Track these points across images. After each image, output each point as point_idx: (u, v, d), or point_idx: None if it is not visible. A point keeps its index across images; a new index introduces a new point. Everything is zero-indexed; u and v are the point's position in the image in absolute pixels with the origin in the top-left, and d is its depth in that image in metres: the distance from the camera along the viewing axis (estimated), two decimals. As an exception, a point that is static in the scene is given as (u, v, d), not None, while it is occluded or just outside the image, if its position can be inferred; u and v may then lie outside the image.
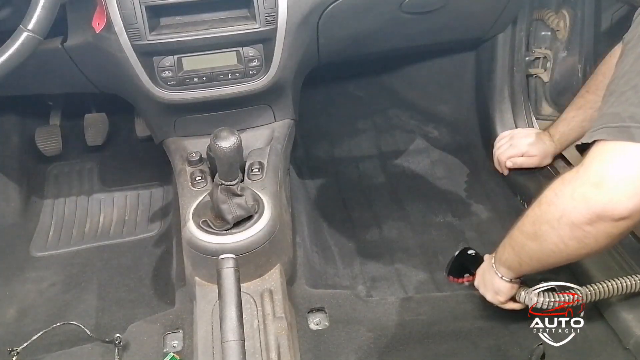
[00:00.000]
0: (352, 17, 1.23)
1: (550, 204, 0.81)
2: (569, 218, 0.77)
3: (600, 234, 0.76)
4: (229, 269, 0.88)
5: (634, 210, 0.71)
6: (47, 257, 1.45)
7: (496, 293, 1.04)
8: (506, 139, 1.52)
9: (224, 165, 0.98)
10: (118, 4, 1.05)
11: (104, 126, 1.72)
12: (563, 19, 1.52)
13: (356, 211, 1.54)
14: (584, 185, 0.75)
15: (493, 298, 1.06)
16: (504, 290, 1.03)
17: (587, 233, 0.76)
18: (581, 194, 0.75)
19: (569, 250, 0.81)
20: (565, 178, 0.79)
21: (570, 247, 0.80)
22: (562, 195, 0.78)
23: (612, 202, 0.72)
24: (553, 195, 0.80)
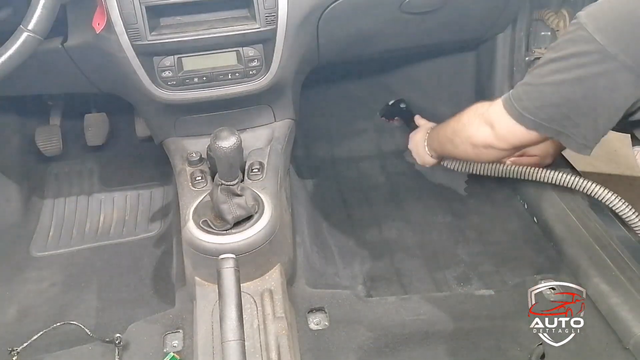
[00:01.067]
0: (352, 17, 1.23)
1: (464, 126, 1.15)
2: (471, 140, 1.12)
3: (489, 154, 1.12)
4: (229, 269, 0.88)
5: (510, 148, 1.07)
6: (47, 257, 1.45)
7: (424, 163, 1.46)
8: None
9: (224, 165, 0.98)
10: (118, 4, 1.05)
11: (104, 126, 1.72)
12: (563, 19, 1.52)
13: (356, 211, 1.54)
14: (485, 123, 1.08)
15: (421, 163, 1.48)
16: (430, 162, 1.44)
17: (481, 152, 1.12)
18: (482, 128, 1.08)
19: (471, 158, 1.25)
20: (477, 110, 1.12)
21: (471, 156, 1.19)
22: (471, 123, 1.13)
23: (497, 140, 1.06)
24: (467, 121, 1.15)
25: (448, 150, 1.27)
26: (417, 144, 1.47)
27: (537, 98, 0.96)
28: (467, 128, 1.14)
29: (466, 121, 1.15)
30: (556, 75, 0.93)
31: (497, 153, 1.10)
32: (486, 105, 1.09)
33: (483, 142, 1.09)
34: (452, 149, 1.23)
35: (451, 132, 1.21)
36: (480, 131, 1.09)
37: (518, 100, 0.99)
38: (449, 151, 1.27)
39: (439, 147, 1.34)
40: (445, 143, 1.27)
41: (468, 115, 1.15)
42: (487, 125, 1.07)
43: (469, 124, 1.14)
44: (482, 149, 1.11)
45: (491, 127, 1.06)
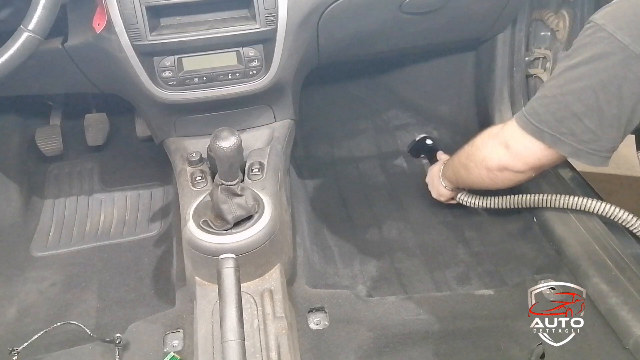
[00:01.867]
0: (352, 18, 1.23)
1: (477, 149, 1.10)
2: (485, 163, 1.07)
3: (505, 178, 1.06)
4: (229, 268, 0.88)
5: (527, 170, 1.02)
6: (48, 257, 1.45)
7: (439, 195, 1.39)
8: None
9: (224, 165, 0.98)
10: (118, 4, 1.05)
11: (105, 126, 1.72)
12: (562, 19, 1.52)
13: (356, 211, 1.54)
14: (499, 144, 1.03)
15: (437, 197, 1.40)
16: (445, 194, 1.37)
17: (496, 176, 1.06)
18: (496, 150, 1.04)
19: (486, 184, 1.12)
20: (491, 132, 1.08)
21: (486, 182, 1.11)
22: (484, 145, 1.08)
23: (513, 161, 1.01)
24: (480, 144, 1.09)
25: (462, 177, 1.20)
26: (432, 176, 1.40)
27: (558, 110, 0.91)
28: (480, 151, 1.09)
29: (479, 144, 1.10)
30: (577, 83, 0.88)
31: (513, 176, 1.05)
32: (499, 127, 1.06)
33: (497, 165, 1.04)
34: (466, 175, 1.17)
35: (465, 157, 1.16)
36: (495, 153, 1.04)
37: (534, 115, 0.95)
38: (463, 179, 1.20)
39: (453, 176, 1.27)
40: (459, 169, 1.20)
41: (481, 137, 1.10)
42: (502, 146, 1.02)
43: (482, 146, 1.09)
44: (497, 173, 1.06)
45: (506, 148, 1.01)
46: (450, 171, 1.27)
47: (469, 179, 1.17)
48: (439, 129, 1.80)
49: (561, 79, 0.91)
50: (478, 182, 1.14)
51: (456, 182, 1.29)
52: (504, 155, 1.02)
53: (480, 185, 1.15)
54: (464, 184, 1.24)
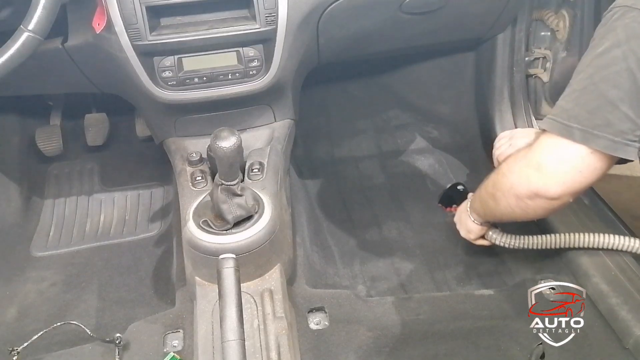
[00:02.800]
0: (352, 18, 1.23)
1: (503, 176, 0.97)
2: (515, 191, 0.94)
3: (537, 207, 0.92)
4: (229, 268, 0.88)
5: (563, 194, 0.89)
6: (48, 257, 1.45)
7: (468, 232, 1.23)
8: (505, 139, 1.51)
9: (224, 165, 0.98)
10: (118, 4, 1.05)
11: (105, 126, 1.72)
12: (563, 19, 1.52)
13: (356, 211, 1.54)
14: (527, 166, 0.90)
15: (465, 235, 1.24)
16: (474, 231, 1.22)
17: (527, 205, 0.93)
18: (525, 174, 0.91)
19: (516, 214, 0.98)
20: (517, 157, 0.95)
21: (516, 212, 0.97)
22: (511, 171, 0.95)
23: (546, 185, 0.88)
24: (506, 170, 0.96)
25: (490, 208, 1.06)
26: (460, 212, 1.26)
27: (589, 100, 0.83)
28: (507, 177, 0.96)
29: (505, 170, 0.97)
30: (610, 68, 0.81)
31: (546, 204, 0.91)
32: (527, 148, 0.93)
33: (527, 191, 0.91)
34: (494, 206, 1.03)
35: (491, 186, 1.03)
36: (524, 177, 0.91)
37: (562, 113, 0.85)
38: (492, 210, 1.06)
39: (481, 208, 1.13)
40: (487, 200, 1.06)
41: (507, 162, 0.98)
42: (531, 167, 0.90)
43: (508, 172, 0.95)
44: (528, 201, 0.92)
45: (537, 169, 0.89)
46: (478, 203, 1.13)
47: (497, 210, 1.03)
48: (439, 129, 1.80)
49: (590, 69, 0.83)
50: (508, 213, 1.00)
51: (485, 215, 1.15)
52: (534, 179, 0.89)
53: (511, 216, 1.01)
54: (494, 216, 1.11)
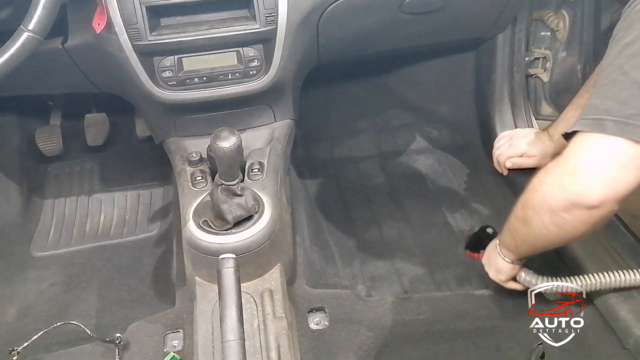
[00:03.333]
0: (352, 18, 1.23)
1: (534, 191, 0.86)
2: (548, 204, 0.82)
3: (576, 221, 0.80)
4: (229, 268, 0.88)
5: (605, 199, 0.76)
6: (48, 257, 1.45)
7: (498, 272, 1.09)
8: (505, 139, 1.52)
9: (224, 165, 0.98)
10: (118, 4, 1.05)
11: (105, 126, 1.72)
12: (562, 19, 1.52)
13: (356, 211, 1.54)
14: (561, 174, 0.79)
15: (495, 276, 1.11)
16: (505, 270, 1.08)
17: (564, 220, 0.80)
18: (558, 182, 0.79)
19: (552, 236, 0.86)
20: (547, 166, 0.83)
21: (552, 232, 0.84)
22: (543, 182, 0.83)
23: (584, 191, 0.76)
24: (537, 182, 0.85)
25: (522, 236, 0.95)
26: (489, 251, 1.14)
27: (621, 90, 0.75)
28: (537, 192, 0.85)
29: (536, 183, 0.86)
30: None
31: (586, 216, 0.78)
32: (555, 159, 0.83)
33: (563, 200, 0.79)
34: (525, 232, 0.92)
35: (521, 208, 0.91)
36: (557, 185, 0.80)
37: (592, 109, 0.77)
38: (523, 238, 0.95)
39: (511, 239, 1.01)
40: (517, 228, 0.95)
41: (538, 175, 0.86)
42: (565, 173, 0.78)
43: (539, 185, 0.84)
44: (564, 214, 0.80)
45: (571, 173, 0.77)
46: (507, 234, 1.02)
47: (530, 236, 0.91)
48: (439, 129, 1.79)
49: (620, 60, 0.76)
50: (542, 236, 0.87)
51: (516, 247, 1.01)
52: (569, 185, 0.77)
53: (547, 240, 0.89)
54: (526, 245, 0.98)
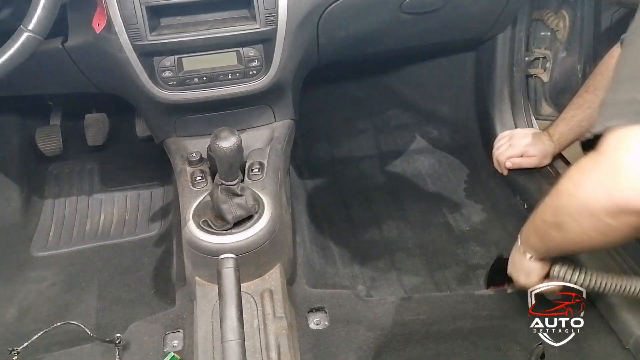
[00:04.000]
0: (352, 18, 1.23)
1: (570, 196, 0.75)
2: (590, 210, 0.71)
3: (623, 226, 0.69)
4: (229, 268, 0.88)
5: None
6: (48, 257, 1.45)
7: (527, 275, 1.01)
8: (505, 139, 1.52)
9: (224, 165, 0.98)
10: (118, 4, 1.05)
11: (105, 126, 1.72)
12: (563, 19, 1.52)
13: (356, 211, 1.54)
14: (604, 175, 0.67)
15: (526, 281, 1.02)
16: (536, 270, 0.99)
17: (610, 226, 0.70)
18: (602, 184, 0.68)
19: (594, 242, 0.77)
20: (583, 167, 0.72)
21: (594, 238, 0.75)
22: (581, 186, 0.72)
23: (634, 192, 0.64)
24: (572, 187, 0.75)
25: (555, 242, 0.87)
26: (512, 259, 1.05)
27: None
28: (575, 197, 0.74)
29: (571, 187, 0.75)
30: None
31: (635, 221, 0.67)
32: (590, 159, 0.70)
33: (610, 206, 0.67)
34: (560, 238, 0.83)
35: (551, 215, 0.82)
36: (600, 189, 0.68)
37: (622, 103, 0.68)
38: (557, 244, 0.87)
39: (540, 242, 0.93)
40: (547, 232, 0.87)
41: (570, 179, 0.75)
42: (610, 175, 0.67)
43: (576, 189, 0.73)
44: (610, 221, 0.69)
45: (613, 174, 0.66)
46: (534, 237, 0.94)
47: (566, 242, 0.83)
48: (439, 129, 1.80)
49: None
50: (581, 242, 0.79)
51: (547, 250, 0.95)
52: (614, 188, 0.66)
53: (585, 245, 0.83)
54: (560, 249, 0.92)
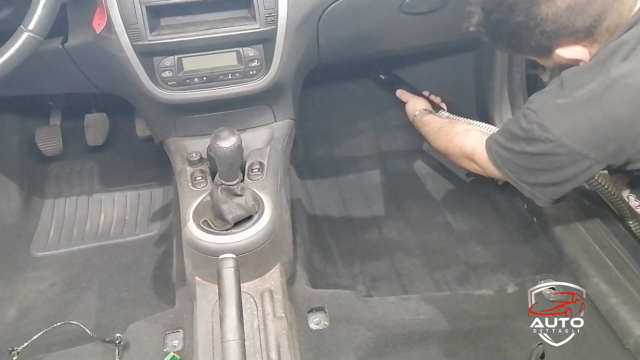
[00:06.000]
0: (352, 18, 1.23)
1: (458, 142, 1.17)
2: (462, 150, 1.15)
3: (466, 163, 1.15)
4: (229, 268, 0.88)
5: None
6: (48, 257, 1.45)
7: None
8: None
9: (224, 166, 0.98)
10: (118, 4, 1.05)
11: (105, 126, 1.72)
12: (563, 19, 1.52)
13: (356, 211, 1.54)
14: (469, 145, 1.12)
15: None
16: None
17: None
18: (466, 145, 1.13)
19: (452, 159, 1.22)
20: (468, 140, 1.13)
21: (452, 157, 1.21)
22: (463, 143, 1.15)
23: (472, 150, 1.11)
24: (459, 141, 1.16)
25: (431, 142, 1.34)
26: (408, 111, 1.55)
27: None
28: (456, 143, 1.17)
29: (459, 141, 1.17)
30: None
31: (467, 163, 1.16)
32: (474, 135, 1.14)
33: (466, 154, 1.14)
34: (436, 145, 1.29)
35: (444, 142, 1.23)
36: (466, 149, 1.14)
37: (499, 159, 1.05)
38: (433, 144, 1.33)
39: (422, 133, 1.41)
40: (432, 140, 1.32)
41: (462, 140, 1.17)
42: (469, 145, 1.13)
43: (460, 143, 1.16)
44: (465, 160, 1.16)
45: (470, 146, 1.12)
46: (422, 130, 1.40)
47: (438, 148, 1.29)
48: (439, 129, 1.79)
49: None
50: (446, 154, 1.25)
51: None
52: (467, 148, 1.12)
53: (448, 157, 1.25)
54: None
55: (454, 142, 1.17)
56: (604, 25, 0.88)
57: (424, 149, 1.55)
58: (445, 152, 1.23)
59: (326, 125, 1.85)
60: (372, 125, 1.85)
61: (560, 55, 0.94)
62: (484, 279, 1.31)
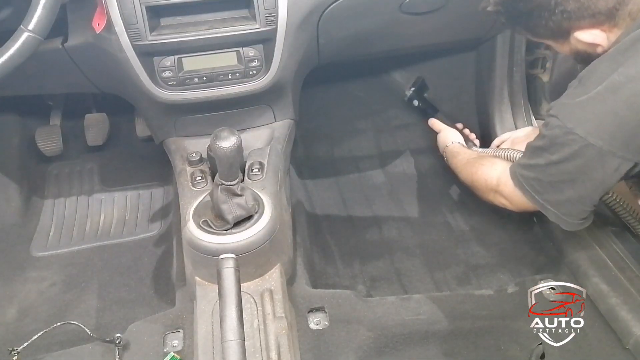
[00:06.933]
0: (352, 18, 1.23)
1: (482, 176, 1.14)
2: (486, 184, 1.12)
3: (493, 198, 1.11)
4: (229, 268, 0.88)
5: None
6: (48, 257, 1.45)
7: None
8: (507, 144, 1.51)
9: (224, 165, 0.98)
10: (118, 4, 1.05)
11: (105, 126, 1.72)
12: (563, 19, 1.52)
13: (356, 211, 1.54)
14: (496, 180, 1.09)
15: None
16: None
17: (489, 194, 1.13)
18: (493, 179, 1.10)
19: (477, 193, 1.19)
20: (492, 172, 1.11)
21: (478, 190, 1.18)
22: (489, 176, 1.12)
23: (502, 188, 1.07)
24: (484, 174, 1.14)
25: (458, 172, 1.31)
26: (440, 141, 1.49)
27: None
28: (483, 177, 1.14)
29: (484, 174, 1.15)
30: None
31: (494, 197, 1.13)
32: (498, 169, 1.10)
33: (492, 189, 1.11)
34: (463, 179, 1.26)
35: (469, 175, 1.21)
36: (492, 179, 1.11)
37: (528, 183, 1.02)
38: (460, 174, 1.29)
39: (452, 166, 1.37)
40: (460, 173, 1.30)
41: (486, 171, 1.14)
42: (497, 179, 1.09)
43: (485, 175, 1.14)
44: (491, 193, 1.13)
45: (499, 181, 1.08)
46: (452, 162, 1.35)
47: (465, 182, 1.26)
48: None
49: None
50: (472, 188, 1.21)
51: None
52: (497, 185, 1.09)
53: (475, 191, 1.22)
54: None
55: (479, 174, 1.15)
56: (626, 9, 0.85)
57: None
58: (471, 185, 1.20)
59: (326, 125, 1.85)
60: (372, 125, 1.85)
61: (578, 39, 0.91)
62: (484, 279, 1.31)
